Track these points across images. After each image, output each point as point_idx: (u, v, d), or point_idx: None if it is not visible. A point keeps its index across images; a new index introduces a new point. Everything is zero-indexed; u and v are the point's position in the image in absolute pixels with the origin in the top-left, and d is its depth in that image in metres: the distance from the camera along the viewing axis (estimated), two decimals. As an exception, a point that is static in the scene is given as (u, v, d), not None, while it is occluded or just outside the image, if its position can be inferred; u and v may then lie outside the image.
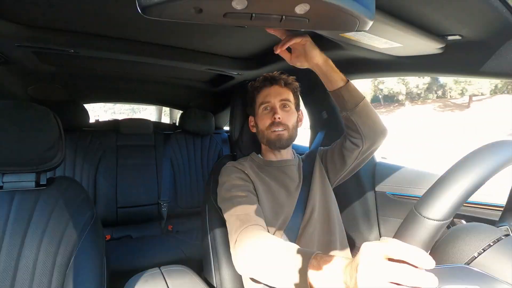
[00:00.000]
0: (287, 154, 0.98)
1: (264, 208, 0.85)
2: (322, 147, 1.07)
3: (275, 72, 0.97)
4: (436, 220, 0.36)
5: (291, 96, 0.96)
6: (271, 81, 0.95)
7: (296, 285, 0.55)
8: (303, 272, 0.54)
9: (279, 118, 0.90)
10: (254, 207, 0.80)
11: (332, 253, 0.88)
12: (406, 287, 0.35)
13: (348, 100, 0.83)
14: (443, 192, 0.37)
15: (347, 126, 0.89)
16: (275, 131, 0.91)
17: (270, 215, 0.85)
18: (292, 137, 0.94)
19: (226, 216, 0.81)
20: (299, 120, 0.99)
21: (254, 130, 1.00)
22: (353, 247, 1.24)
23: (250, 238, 0.69)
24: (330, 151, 0.99)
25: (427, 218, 0.37)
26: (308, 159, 1.01)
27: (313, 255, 0.55)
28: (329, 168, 0.99)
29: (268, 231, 0.82)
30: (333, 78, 0.83)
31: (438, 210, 0.36)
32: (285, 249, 0.61)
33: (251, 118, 1.01)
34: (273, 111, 0.92)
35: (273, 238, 0.69)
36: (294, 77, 0.98)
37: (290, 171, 0.95)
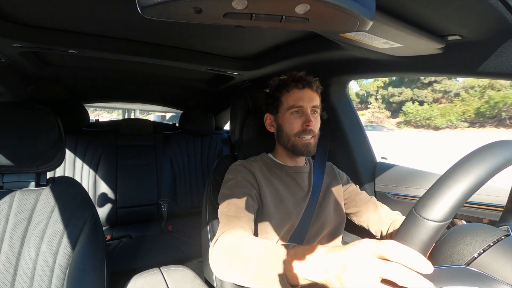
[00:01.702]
0: (301, 160, 0.97)
1: (270, 214, 0.83)
2: (345, 174, 1.05)
3: (302, 72, 0.92)
4: (436, 221, 0.36)
5: (319, 102, 0.92)
6: (304, 83, 0.89)
7: (271, 277, 0.51)
8: (278, 263, 0.51)
9: (312, 125, 0.87)
10: (248, 212, 0.78)
11: None
12: (398, 286, 0.35)
13: None
14: (442, 193, 0.37)
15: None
16: (303, 138, 0.88)
17: (276, 222, 0.83)
18: (317, 143, 0.92)
19: (219, 213, 0.80)
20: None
21: (272, 129, 0.96)
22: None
23: (230, 239, 0.66)
24: (354, 198, 0.99)
25: (426, 219, 0.36)
26: (321, 171, 0.97)
27: (291, 247, 0.52)
28: (347, 202, 1.00)
29: (273, 238, 0.82)
30: None
31: (438, 211, 0.36)
32: (262, 245, 0.58)
33: (268, 116, 0.96)
34: (305, 117, 0.88)
35: (253, 237, 0.65)
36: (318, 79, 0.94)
37: (301, 179, 0.93)
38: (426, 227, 0.36)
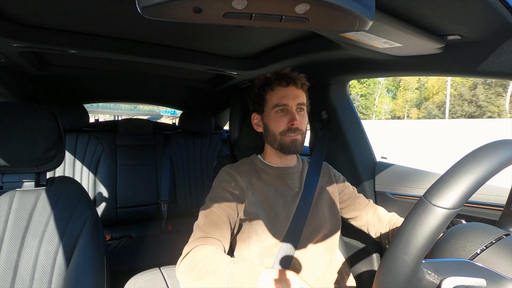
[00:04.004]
0: (292, 159, 0.95)
1: (259, 217, 0.83)
2: (341, 175, 1.04)
3: (287, 69, 0.90)
4: (446, 209, 0.36)
5: (305, 98, 0.90)
6: (288, 80, 0.87)
7: None
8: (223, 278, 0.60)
9: (297, 124, 0.85)
10: (223, 228, 0.78)
11: (333, 272, 0.87)
12: None
13: None
14: (454, 180, 0.37)
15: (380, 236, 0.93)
16: (289, 135, 0.86)
17: (266, 224, 0.83)
18: (304, 140, 0.90)
19: (195, 223, 0.81)
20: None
21: (259, 129, 0.94)
22: (353, 248, 1.24)
23: (197, 256, 0.69)
24: (353, 203, 0.99)
25: (437, 206, 0.36)
26: (316, 171, 0.96)
27: (232, 262, 0.62)
28: (346, 206, 0.99)
29: (265, 240, 0.82)
30: None
31: (449, 198, 0.36)
32: (216, 262, 0.65)
33: (255, 116, 0.95)
34: (290, 115, 0.86)
35: (216, 254, 0.69)
36: (305, 75, 0.93)
37: (290, 179, 0.92)
38: (436, 214, 0.36)
